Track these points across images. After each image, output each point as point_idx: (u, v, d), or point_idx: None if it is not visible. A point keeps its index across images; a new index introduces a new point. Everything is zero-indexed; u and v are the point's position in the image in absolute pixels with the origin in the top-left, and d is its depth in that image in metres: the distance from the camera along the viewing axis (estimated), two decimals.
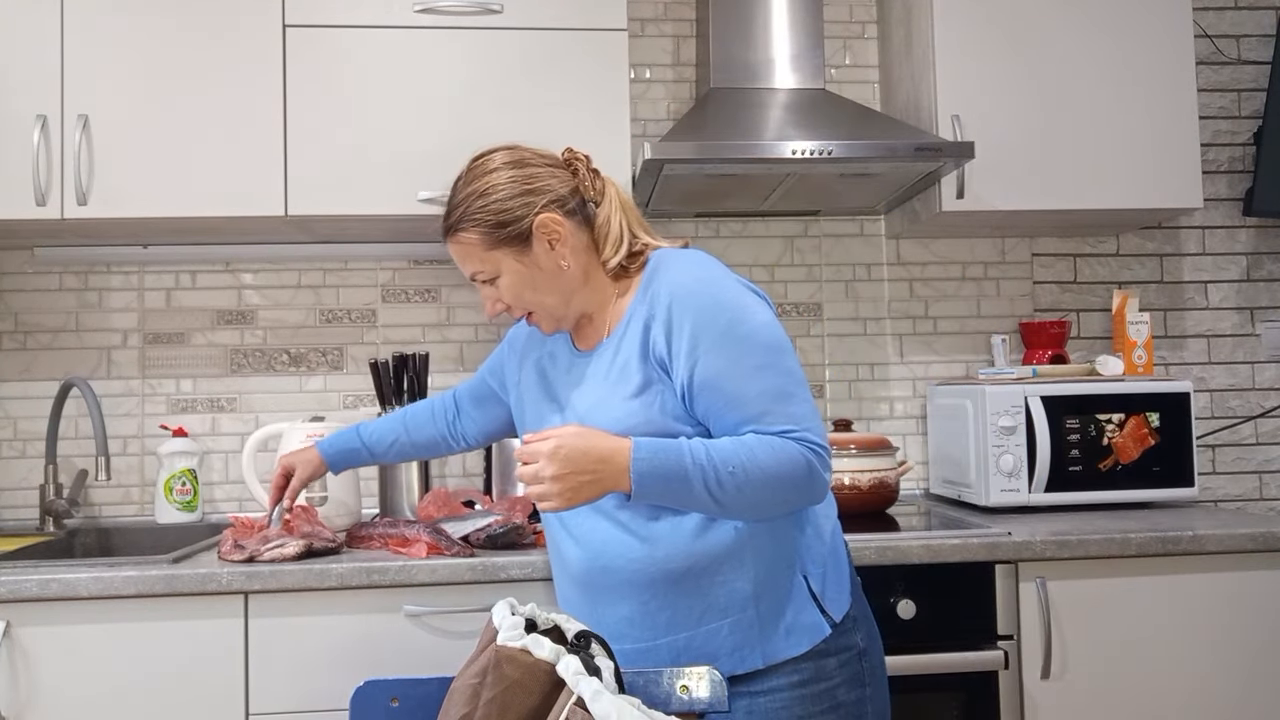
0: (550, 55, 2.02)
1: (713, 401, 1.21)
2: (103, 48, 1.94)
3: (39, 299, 2.27)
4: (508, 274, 1.29)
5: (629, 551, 1.24)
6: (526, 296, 1.30)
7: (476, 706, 0.94)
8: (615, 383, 1.26)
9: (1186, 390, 2.09)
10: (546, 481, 1.16)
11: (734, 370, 1.20)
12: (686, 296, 1.23)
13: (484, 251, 1.28)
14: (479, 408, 1.61)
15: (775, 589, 1.24)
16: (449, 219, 1.31)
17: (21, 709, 1.57)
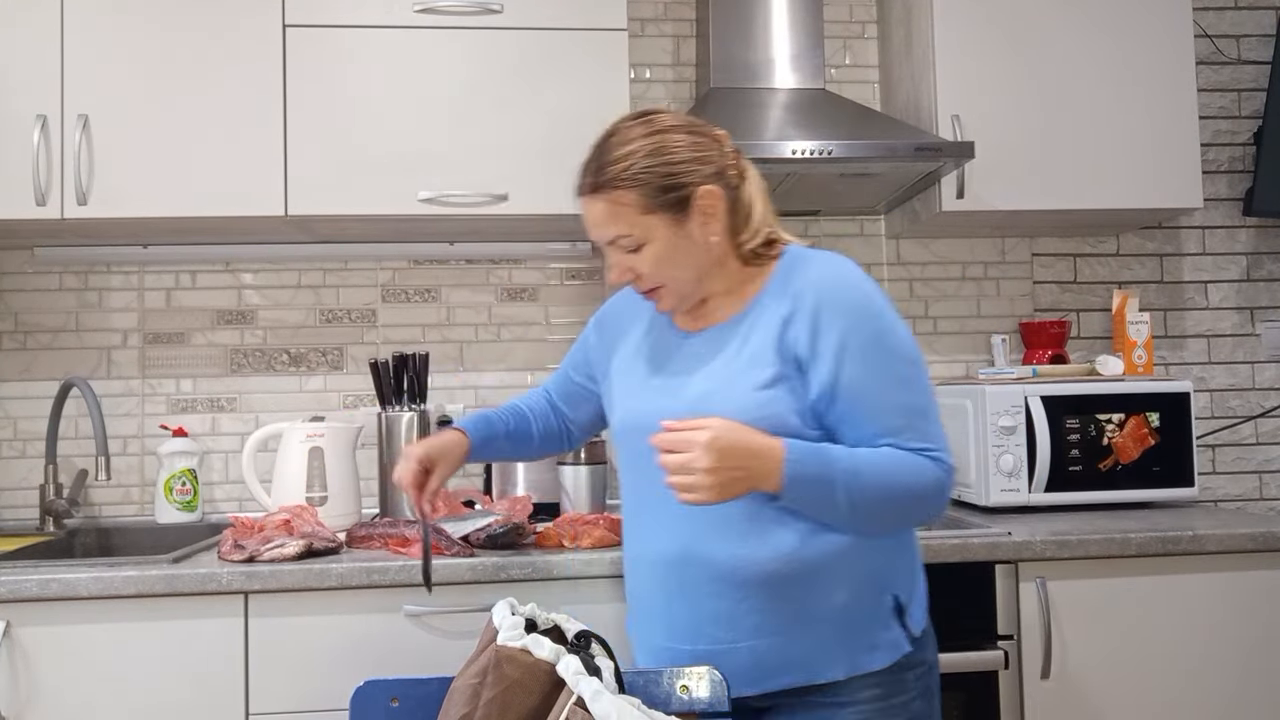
0: (550, 55, 2.02)
1: (852, 408, 1.19)
2: (103, 48, 1.95)
3: (39, 299, 2.27)
4: (657, 242, 1.23)
5: (729, 549, 1.20)
6: (666, 269, 1.24)
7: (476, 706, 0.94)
8: (742, 370, 1.22)
9: (1186, 390, 2.09)
10: (699, 473, 1.11)
11: (879, 380, 1.19)
12: (836, 298, 1.21)
13: (638, 215, 1.21)
14: (574, 408, 1.56)
15: (865, 603, 1.22)
16: (600, 175, 1.23)
17: (21, 709, 1.57)
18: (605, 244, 1.26)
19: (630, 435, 1.31)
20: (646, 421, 1.25)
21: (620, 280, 1.28)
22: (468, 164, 1.99)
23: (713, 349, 1.27)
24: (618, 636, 1.38)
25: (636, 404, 1.31)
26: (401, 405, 2.05)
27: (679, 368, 1.29)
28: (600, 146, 1.26)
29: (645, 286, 1.27)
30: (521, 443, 1.54)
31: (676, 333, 1.34)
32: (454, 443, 1.45)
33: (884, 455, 1.17)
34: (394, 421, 2.03)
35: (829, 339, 1.19)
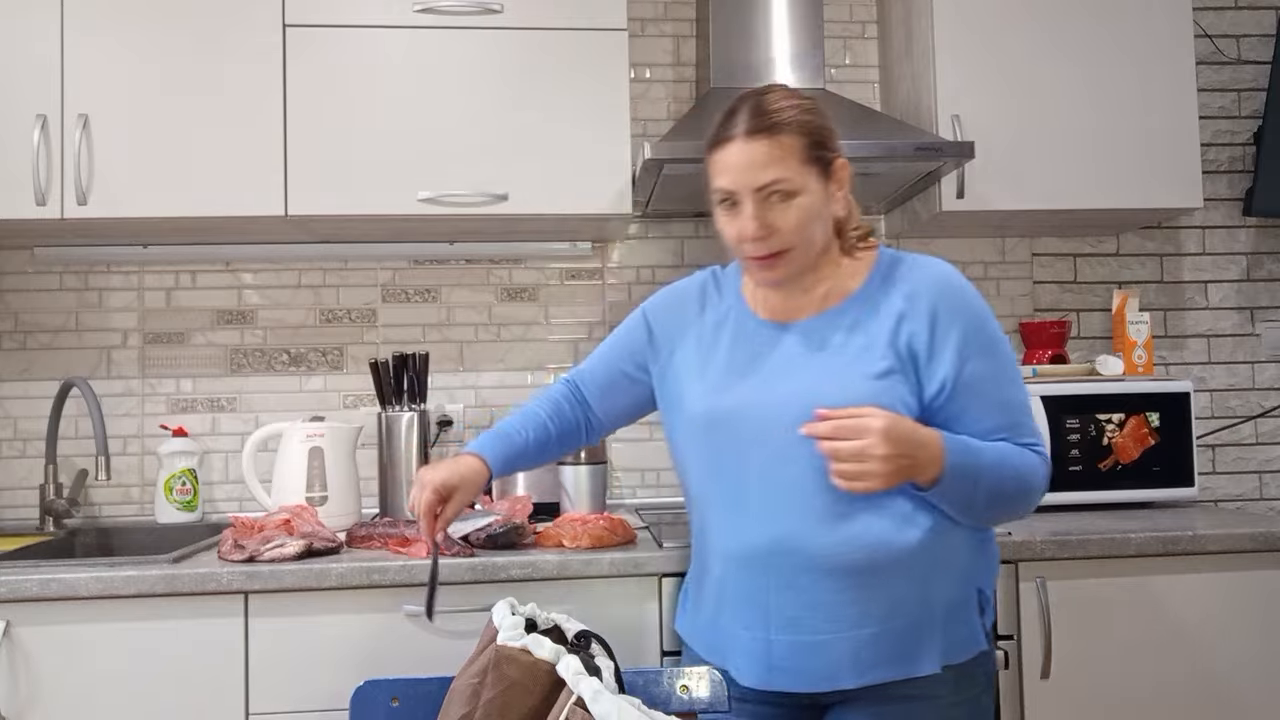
0: (550, 55, 2.02)
1: (971, 403, 1.23)
2: (103, 48, 1.94)
3: (39, 299, 2.27)
4: (808, 194, 1.24)
5: (824, 538, 1.21)
6: (804, 229, 1.25)
7: (476, 706, 0.94)
8: (853, 361, 1.24)
9: (1186, 390, 2.09)
10: (874, 460, 1.13)
11: (996, 378, 1.24)
12: (954, 299, 1.26)
13: (798, 163, 1.23)
14: (608, 396, 1.52)
15: (957, 597, 1.25)
16: (765, 119, 1.23)
17: (21, 709, 1.57)
18: (754, 190, 1.23)
19: (716, 429, 1.30)
20: (739, 414, 1.27)
21: (751, 235, 1.24)
22: (468, 164, 1.99)
23: (813, 341, 1.28)
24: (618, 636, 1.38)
25: (723, 397, 1.30)
26: (401, 405, 2.05)
27: (772, 360, 1.29)
28: (755, 99, 1.26)
29: (773, 247, 1.25)
30: (543, 452, 1.51)
31: (762, 324, 1.34)
32: (473, 471, 1.42)
33: (1010, 450, 1.23)
34: (394, 421, 2.03)
35: (950, 337, 1.23)
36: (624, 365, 1.50)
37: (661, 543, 1.70)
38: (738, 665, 1.27)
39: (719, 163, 1.26)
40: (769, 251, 1.25)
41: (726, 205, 1.27)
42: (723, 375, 1.32)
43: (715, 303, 1.41)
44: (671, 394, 1.41)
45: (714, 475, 1.31)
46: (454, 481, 1.39)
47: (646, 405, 1.51)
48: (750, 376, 1.30)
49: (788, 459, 1.23)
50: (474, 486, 1.42)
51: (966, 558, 1.27)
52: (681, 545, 1.67)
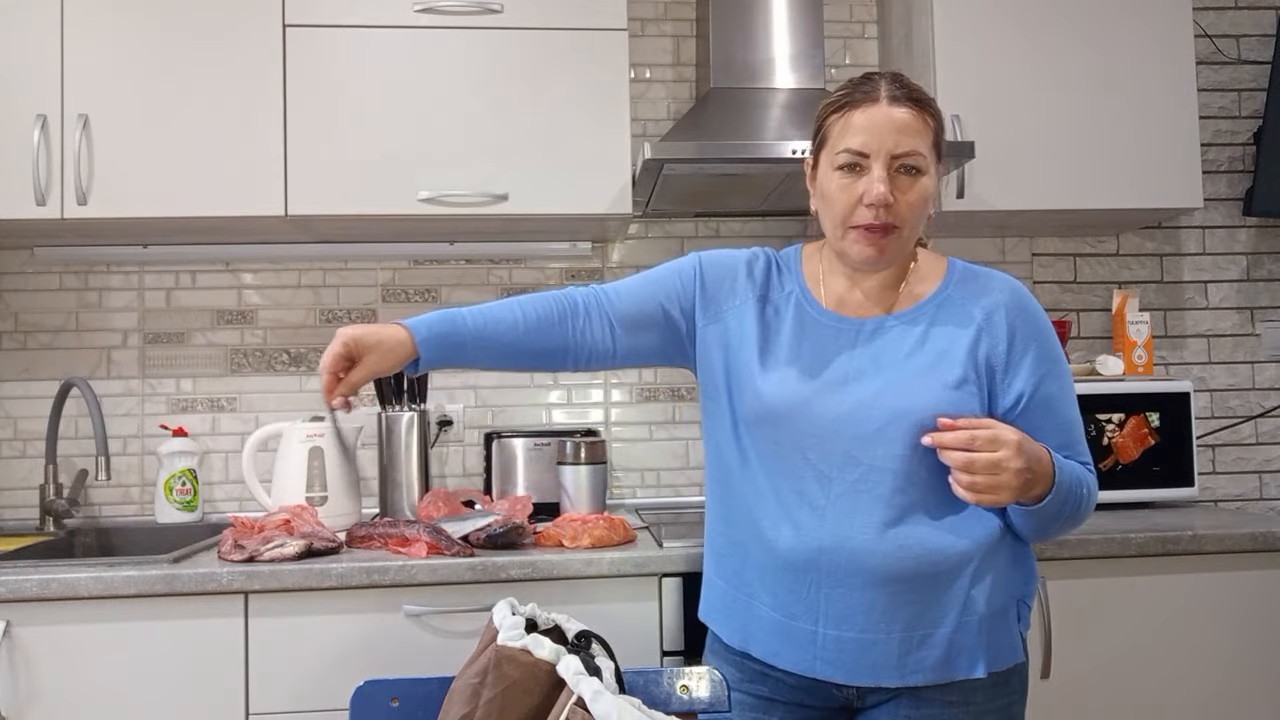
0: (550, 55, 2.02)
1: (1044, 420, 1.25)
2: (103, 48, 1.94)
3: (39, 299, 2.27)
4: (930, 178, 1.24)
5: (883, 541, 1.20)
6: (917, 210, 1.24)
7: (477, 706, 0.94)
8: (930, 367, 1.23)
9: (1186, 390, 2.09)
10: (1009, 474, 1.14)
11: (1066, 397, 1.27)
12: (1031, 317, 1.27)
13: (929, 143, 1.24)
14: (637, 327, 1.36)
15: (1002, 605, 1.25)
16: (916, 91, 1.24)
17: (21, 709, 1.57)
18: (891, 155, 1.21)
19: (780, 422, 1.25)
20: (807, 411, 1.24)
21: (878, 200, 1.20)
22: (468, 164, 1.99)
23: (887, 343, 1.26)
24: (618, 636, 1.39)
25: (791, 391, 1.25)
26: (401, 405, 2.05)
27: (843, 357, 1.26)
28: (894, 74, 1.26)
29: (887, 219, 1.22)
30: (503, 346, 1.32)
31: (829, 316, 1.30)
32: (394, 339, 1.26)
33: (1081, 470, 1.26)
34: (394, 421, 2.03)
35: (1028, 354, 1.25)
36: (666, 301, 1.37)
37: (661, 543, 1.70)
38: (778, 651, 1.26)
39: (855, 122, 1.22)
40: (884, 222, 1.21)
41: (847, 169, 1.22)
42: (789, 366, 1.28)
43: (777, 284, 1.35)
44: (723, 372, 1.32)
45: (771, 469, 1.27)
46: (369, 341, 1.25)
47: (671, 353, 1.39)
48: (820, 372, 1.26)
49: (852, 461, 1.22)
50: (392, 356, 1.26)
51: (1009, 568, 1.27)
52: (682, 545, 1.67)
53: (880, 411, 1.21)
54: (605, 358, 1.37)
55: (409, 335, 1.26)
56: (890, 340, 1.26)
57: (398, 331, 1.26)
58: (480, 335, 1.30)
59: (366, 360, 1.25)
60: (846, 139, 1.22)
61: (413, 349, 1.26)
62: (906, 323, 1.27)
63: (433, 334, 1.28)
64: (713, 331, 1.35)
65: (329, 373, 1.25)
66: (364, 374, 1.25)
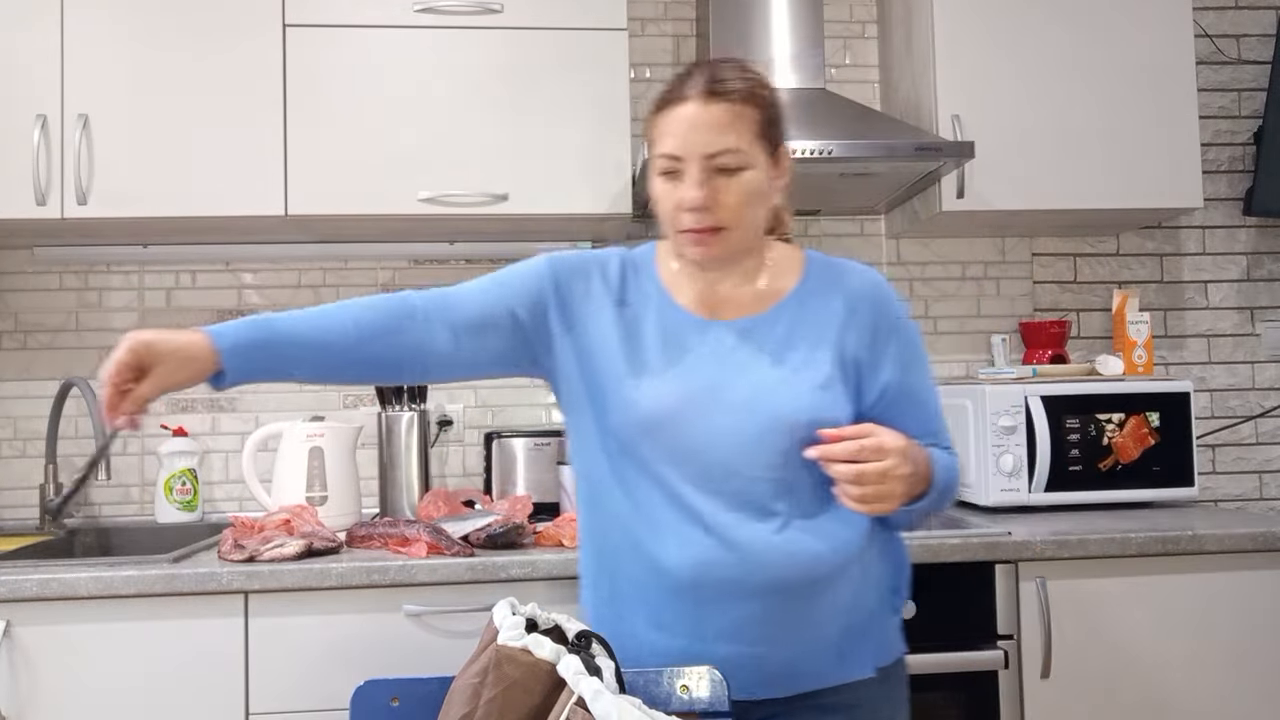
0: (550, 55, 2.02)
1: (907, 410, 1.24)
2: (103, 48, 1.94)
3: (39, 299, 2.27)
4: (755, 172, 1.16)
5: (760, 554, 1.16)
6: (747, 207, 1.17)
7: (477, 706, 0.94)
8: (798, 369, 1.20)
9: (1186, 390, 2.09)
10: (897, 481, 1.10)
11: (928, 385, 1.28)
12: (891, 306, 1.26)
13: (752, 135, 1.16)
14: (477, 337, 1.24)
15: (882, 600, 1.26)
16: (727, 84, 1.15)
17: (21, 709, 1.57)
18: (704, 156, 1.14)
19: (653, 434, 1.19)
20: (680, 420, 1.18)
21: (693, 204, 1.14)
22: (468, 164, 1.99)
23: (753, 344, 1.22)
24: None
25: (663, 400, 1.19)
26: (401, 405, 2.05)
27: (711, 361, 1.21)
28: (711, 65, 1.18)
29: (710, 222, 1.16)
30: (328, 356, 1.18)
31: (689, 318, 1.24)
32: (192, 346, 1.11)
33: (947, 457, 1.27)
34: (394, 421, 2.03)
35: (890, 345, 1.24)
36: (516, 305, 1.25)
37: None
38: None
39: (666, 125, 1.16)
40: (707, 225, 1.16)
41: (667, 175, 1.17)
42: (660, 374, 1.20)
43: (634, 286, 1.27)
44: (582, 382, 1.24)
45: (648, 483, 1.20)
46: (162, 348, 1.09)
47: (520, 361, 1.27)
48: (692, 379, 1.20)
49: (732, 473, 1.17)
50: (189, 367, 1.10)
51: (881, 561, 1.26)
52: None
53: (756, 419, 1.17)
54: (446, 367, 1.25)
55: (212, 348, 1.11)
56: (756, 342, 1.22)
57: (199, 339, 1.11)
58: (301, 343, 1.16)
59: (158, 372, 1.09)
60: (661, 143, 1.17)
61: (216, 360, 1.11)
62: (770, 322, 1.23)
63: (241, 342, 1.12)
64: (568, 341, 1.25)
65: (112, 385, 1.07)
66: (154, 387, 1.09)
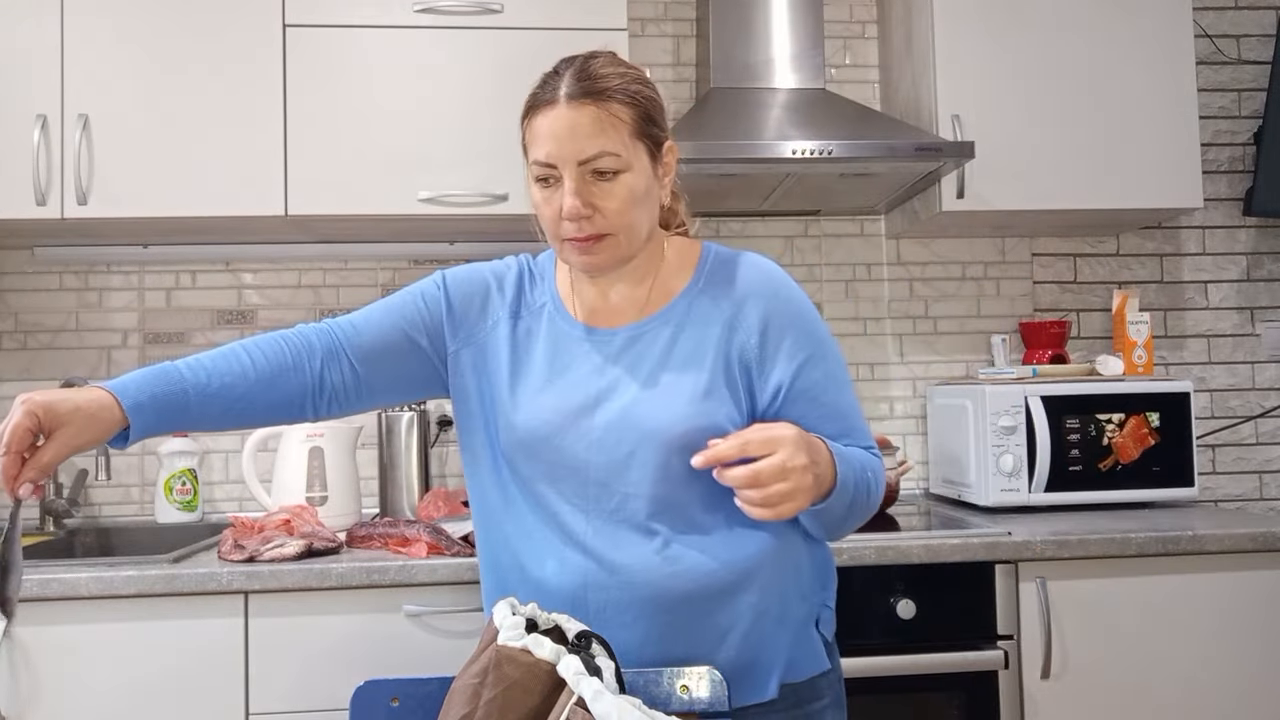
0: (550, 55, 2.01)
1: (809, 410, 1.15)
2: (103, 48, 1.94)
3: (39, 299, 2.27)
4: (635, 174, 1.11)
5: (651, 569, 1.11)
6: (630, 211, 1.11)
7: (477, 706, 0.94)
8: (678, 377, 1.13)
9: (1186, 390, 2.09)
10: (797, 473, 1.01)
11: (832, 382, 1.17)
12: (783, 303, 1.17)
13: (628, 137, 1.10)
14: (378, 361, 1.21)
15: (793, 614, 1.17)
16: (596, 84, 1.10)
17: (21, 709, 1.57)
18: (578, 163, 1.09)
19: (530, 452, 1.16)
20: (556, 437, 1.14)
21: (571, 214, 1.10)
22: (468, 164, 1.99)
23: (634, 353, 1.16)
24: None
25: (539, 417, 1.15)
26: (401, 405, 2.05)
27: (592, 375, 1.16)
28: (581, 61, 1.13)
29: (594, 229, 1.11)
30: (231, 401, 1.15)
31: (579, 329, 1.19)
32: (95, 404, 1.04)
33: (864, 454, 1.16)
34: (394, 421, 2.03)
35: (783, 344, 1.16)
36: (410, 328, 1.23)
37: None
38: None
39: (537, 131, 1.13)
40: (589, 234, 1.10)
41: (544, 180, 1.13)
42: (541, 392, 1.17)
43: (529, 297, 1.24)
44: (478, 400, 1.21)
45: (530, 503, 1.17)
46: (63, 410, 1.01)
47: (428, 384, 1.25)
48: (572, 395, 1.15)
49: (607, 491, 1.12)
50: (94, 427, 1.03)
51: (798, 574, 1.18)
52: None
53: (629, 435, 1.12)
54: (351, 400, 1.22)
55: (114, 400, 1.05)
56: (640, 350, 1.16)
57: (100, 396, 1.04)
58: (204, 392, 1.12)
59: (60, 435, 1.01)
60: (534, 149, 1.13)
61: (121, 417, 1.05)
62: (657, 326, 1.17)
63: (145, 397, 1.07)
64: (465, 356, 1.22)
65: (11, 452, 0.98)
66: (58, 452, 1.00)
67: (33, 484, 0.99)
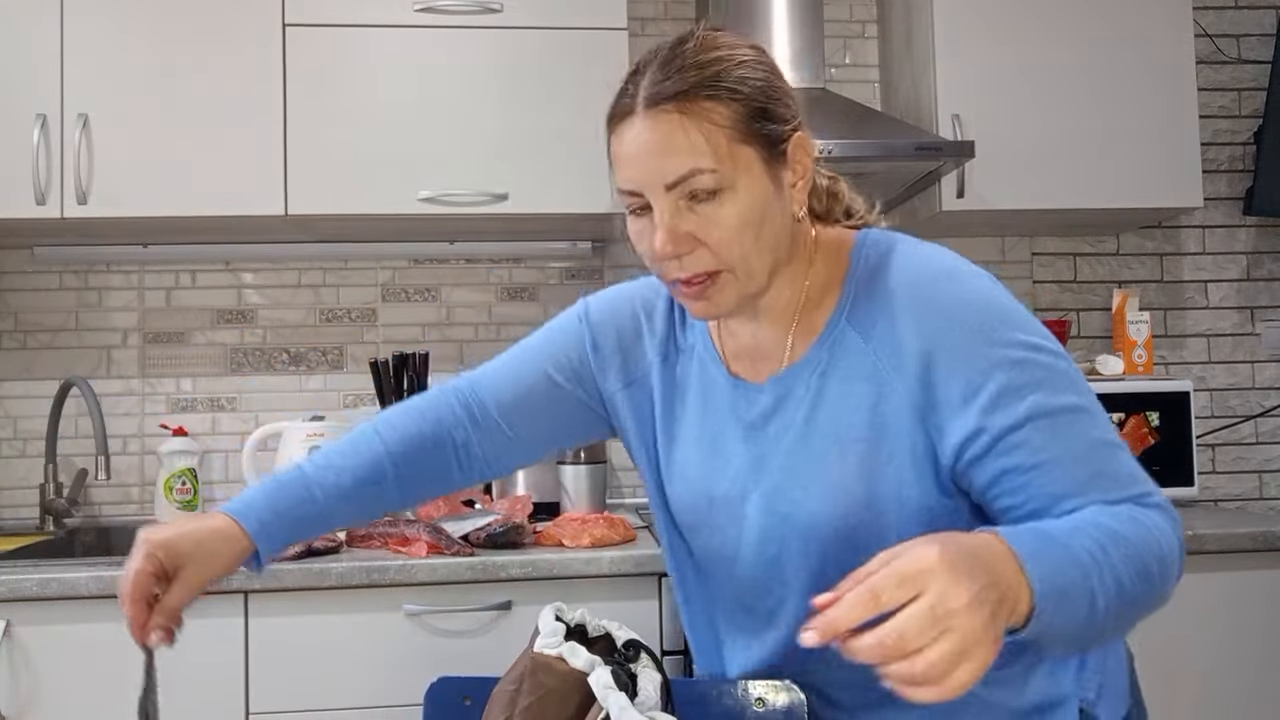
0: (550, 55, 2.02)
1: (1015, 469, 0.81)
2: (103, 48, 1.94)
3: (39, 299, 2.27)
4: (744, 189, 0.83)
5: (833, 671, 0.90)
6: (742, 238, 0.84)
7: (514, 713, 0.93)
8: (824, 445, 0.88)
9: (1186, 390, 2.09)
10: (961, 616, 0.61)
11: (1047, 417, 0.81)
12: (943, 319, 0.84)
13: (730, 142, 0.83)
14: (525, 420, 1.05)
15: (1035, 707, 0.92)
16: (689, 75, 0.83)
17: (21, 709, 1.57)
18: (664, 188, 0.83)
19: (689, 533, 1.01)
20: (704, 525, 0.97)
21: (662, 254, 0.84)
22: (468, 164, 1.99)
23: (784, 414, 0.92)
24: None
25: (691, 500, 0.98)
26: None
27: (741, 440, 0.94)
28: (669, 53, 0.86)
29: (701, 268, 0.85)
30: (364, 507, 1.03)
31: (729, 384, 0.96)
32: (215, 536, 0.93)
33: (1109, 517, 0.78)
34: None
35: (954, 381, 0.83)
36: (556, 374, 1.05)
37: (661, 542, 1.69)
38: None
39: (616, 151, 0.87)
40: (692, 274, 0.86)
41: (636, 213, 0.88)
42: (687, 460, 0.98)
43: (678, 337, 1.02)
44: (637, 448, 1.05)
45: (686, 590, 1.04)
46: (183, 547, 0.91)
47: (581, 431, 1.09)
48: (719, 470, 0.95)
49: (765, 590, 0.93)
50: (217, 561, 0.92)
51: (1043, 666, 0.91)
52: None
53: (776, 529, 0.90)
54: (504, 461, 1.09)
55: (239, 528, 0.93)
56: (788, 414, 0.91)
57: (223, 526, 0.93)
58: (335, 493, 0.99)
59: (184, 575, 0.91)
60: (618, 173, 0.88)
61: (248, 544, 0.94)
62: (804, 378, 0.91)
63: (269, 515, 0.95)
64: (620, 400, 1.04)
65: (136, 600, 0.89)
66: (184, 594, 0.90)
67: (163, 630, 0.90)
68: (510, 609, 1.63)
